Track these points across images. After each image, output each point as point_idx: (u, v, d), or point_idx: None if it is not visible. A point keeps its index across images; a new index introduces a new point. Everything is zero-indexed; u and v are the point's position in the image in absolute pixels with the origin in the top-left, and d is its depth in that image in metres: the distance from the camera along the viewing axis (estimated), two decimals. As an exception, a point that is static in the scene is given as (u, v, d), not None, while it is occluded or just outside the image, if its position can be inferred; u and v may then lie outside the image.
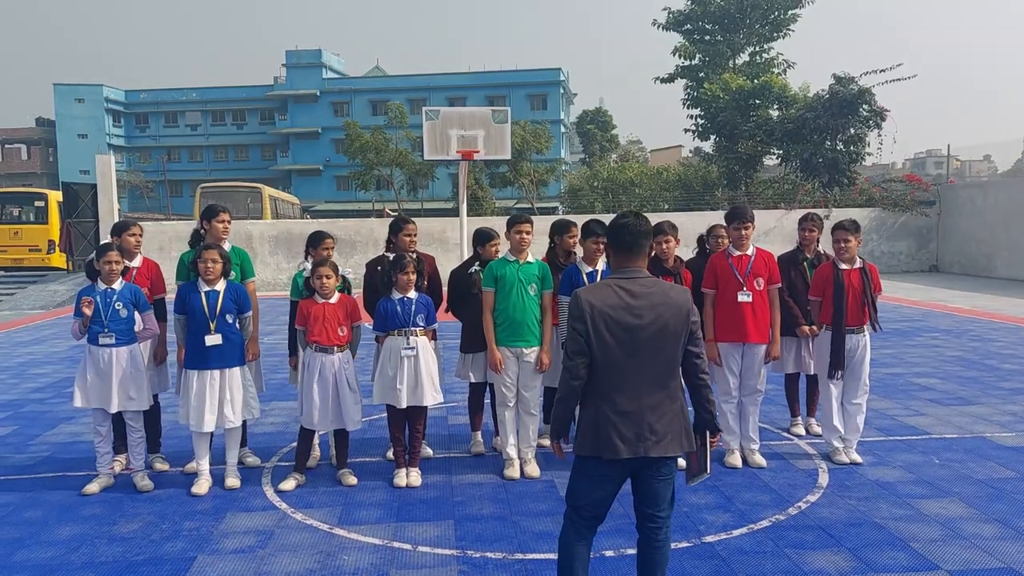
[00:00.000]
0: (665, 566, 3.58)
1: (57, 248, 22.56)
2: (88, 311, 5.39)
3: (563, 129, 63.37)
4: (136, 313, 5.61)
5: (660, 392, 3.38)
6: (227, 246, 6.05)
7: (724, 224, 6.68)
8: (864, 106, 24.01)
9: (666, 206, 28.27)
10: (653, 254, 5.94)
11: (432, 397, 5.73)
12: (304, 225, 23.64)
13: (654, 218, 4.01)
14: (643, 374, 3.35)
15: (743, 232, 5.91)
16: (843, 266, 5.98)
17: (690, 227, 12.70)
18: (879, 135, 24.51)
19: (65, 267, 22.17)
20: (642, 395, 3.35)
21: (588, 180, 35.95)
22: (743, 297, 5.88)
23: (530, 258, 5.89)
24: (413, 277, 5.70)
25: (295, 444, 5.98)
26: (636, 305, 3.35)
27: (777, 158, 27.50)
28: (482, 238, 6.28)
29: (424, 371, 5.68)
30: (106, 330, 5.46)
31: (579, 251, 6.09)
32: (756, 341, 5.89)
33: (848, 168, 24.68)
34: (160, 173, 63.13)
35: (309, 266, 5.82)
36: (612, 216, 6.66)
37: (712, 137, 29.85)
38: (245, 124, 70.62)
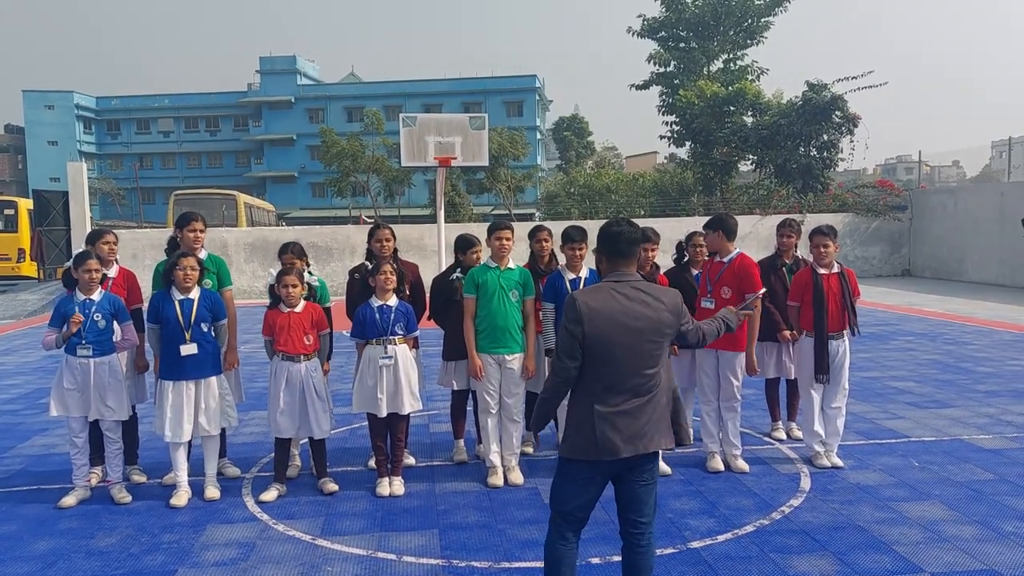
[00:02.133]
0: (650, 572, 3.58)
1: (28, 257, 22.22)
2: (74, 329, 5.30)
3: (539, 136, 63.52)
4: (115, 323, 5.52)
5: (652, 391, 3.44)
6: (203, 254, 5.98)
7: (702, 232, 6.74)
8: (837, 112, 24.29)
9: (642, 212, 28.37)
10: None
11: (411, 405, 5.70)
12: (280, 232, 23.47)
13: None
14: (637, 375, 3.40)
15: (703, 241, 6.25)
16: (821, 271, 6.03)
17: (666, 233, 12.74)
18: (851, 141, 24.84)
19: (36, 276, 21.83)
20: (637, 395, 3.41)
21: (565, 186, 36.04)
22: (706, 304, 5.94)
23: (511, 264, 5.88)
24: (390, 278, 5.65)
25: (274, 454, 5.91)
26: (631, 308, 3.40)
27: (752, 164, 27.72)
28: (464, 245, 6.25)
29: (404, 379, 5.65)
30: (84, 341, 5.37)
31: (562, 257, 6.08)
32: (724, 348, 5.89)
33: (821, 174, 24.93)
34: (132, 180, 62.43)
35: (274, 273, 5.76)
36: (589, 222, 6.58)
37: (687, 143, 30.00)
38: (219, 131, 70.08)
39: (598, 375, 3.39)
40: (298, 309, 5.62)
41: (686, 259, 6.58)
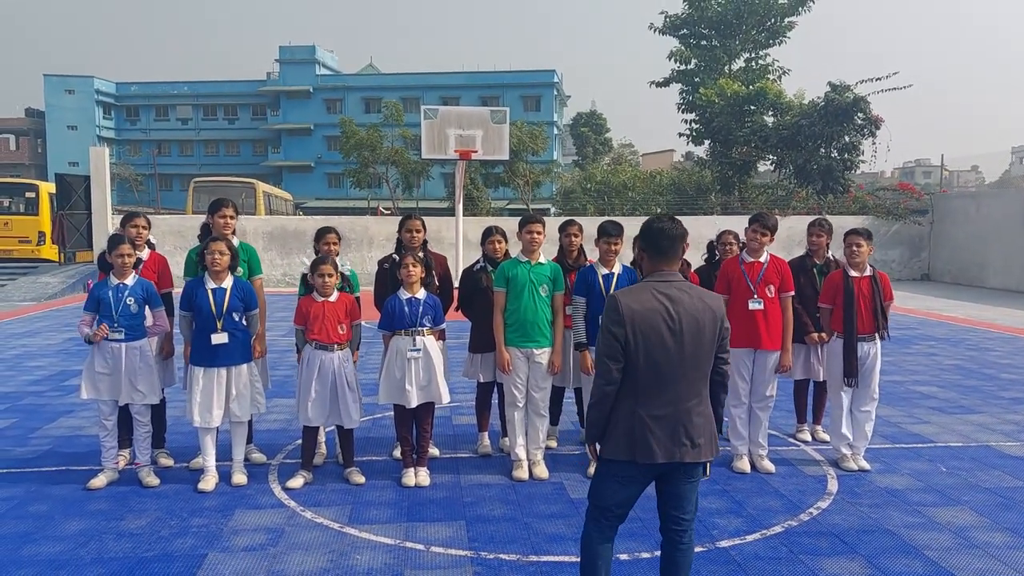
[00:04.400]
0: (689, 569, 3.56)
1: (48, 240, 22.35)
2: (99, 339, 5.39)
3: (556, 131, 63.39)
4: (147, 308, 5.55)
5: (695, 398, 3.35)
6: (235, 241, 6.01)
7: (731, 231, 6.70)
8: (859, 114, 24.11)
9: (659, 210, 28.25)
10: None
11: (446, 395, 5.71)
12: (298, 221, 23.51)
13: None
14: (680, 379, 3.32)
15: (760, 238, 5.91)
16: (853, 273, 5.98)
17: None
18: (873, 143, 24.67)
19: (56, 259, 21.96)
20: (678, 400, 3.33)
21: (581, 182, 35.95)
22: (754, 305, 5.87)
23: (542, 259, 5.87)
24: (414, 271, 5.64)
25: (300, 441, 5.94)
26: (675, 310, 3.30)
27: (771, 164, 27.56)
28: (482, 235, 6.32)
29: (435, 369, 5.65)
30: (116, 324, 5.40)
31: (593, 252, 6.06)
32: (769, 348, 5.88)
33: (842, 175, 24.78)
34: (150, 166, 62.77)
35: (308, 262, 5.77)
36: (604, 218, 6.48)
37: (706, 142, 29.87)
38: (237, 119, 70.30)
39: (639, 377, 3.32)
40: (333, 298, 5.63)
41: (717, 258, 6.55)
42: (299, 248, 20.76)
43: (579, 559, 3.61)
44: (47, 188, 23.24)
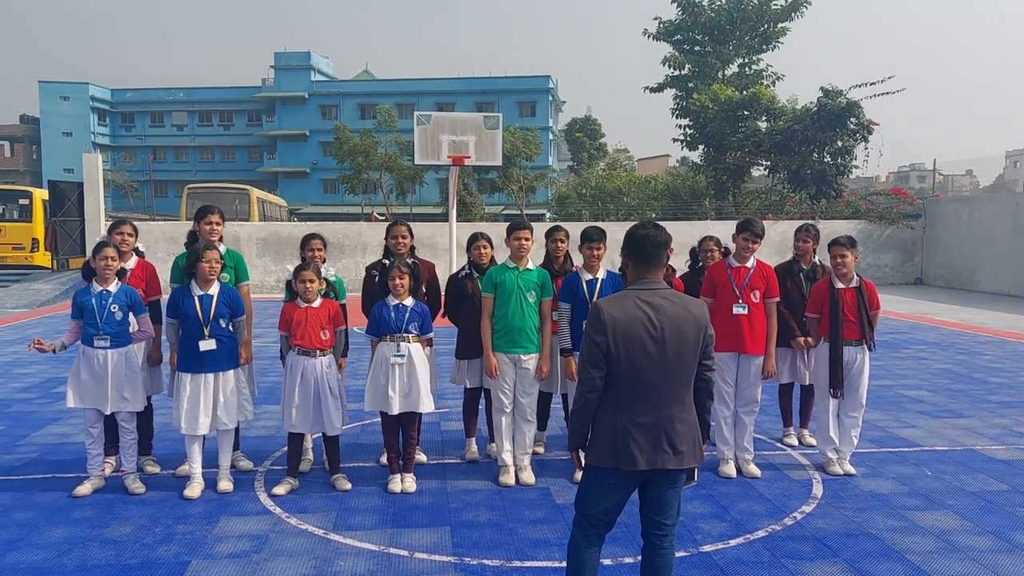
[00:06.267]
0: (670, 573, 3.57)
1: (41, 246, 22.33)
2: (37, 348, 5.45)
3: (551, 136, 63.45)
4: (131, 315, 5.56)
5: (677, 405, 3.36)
6: (222, 248, 6.01)
7: (713, 236, 6.73)
8: (852, 119, 24.20)
9: (653, 215, 28.28)
10: None
11: (427, 404, 5.71)
12: (292, 228, 23.52)
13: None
14: (662, 386, 3.32)
15: (751, 245, 5.94)
16: (839, 285, 5.99)
17: (678, 237, 12.69)
18: (866, 148, 24.77)
19: (50, 266, 21.94)
20: (660, 407, 3.33)
21: (576, 188, 36.00)
22: (738, 310, 5.89)
23: (530, 265, 5.88)
24: (401, 282, 5.65)
25: (287, 448, 5.94)
26: (657, 318, 3.30)
27: (765, 169, 27.65)
28: (468, 241, 6.34)
29: (418, 377, 5.65)
30: (101, 332, 5.41)
31: (578, 258, 6.08)
32: (753, 352, 5.91)
33: (835, 180, 24.86)
34: (145, 173, 62.64)
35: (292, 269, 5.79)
36: (600, 224, 6.42)
37: (700, 147, 29.96)
38: (232, 125, 70.25)
39: (622, 384, 3.33)
40: (316, 304, 5.64)
41: (700, 264, 6.58)
42: (293, 254, 20.66)
43: (563, 564, 3.61)
44: (40, 195, 23.21)
